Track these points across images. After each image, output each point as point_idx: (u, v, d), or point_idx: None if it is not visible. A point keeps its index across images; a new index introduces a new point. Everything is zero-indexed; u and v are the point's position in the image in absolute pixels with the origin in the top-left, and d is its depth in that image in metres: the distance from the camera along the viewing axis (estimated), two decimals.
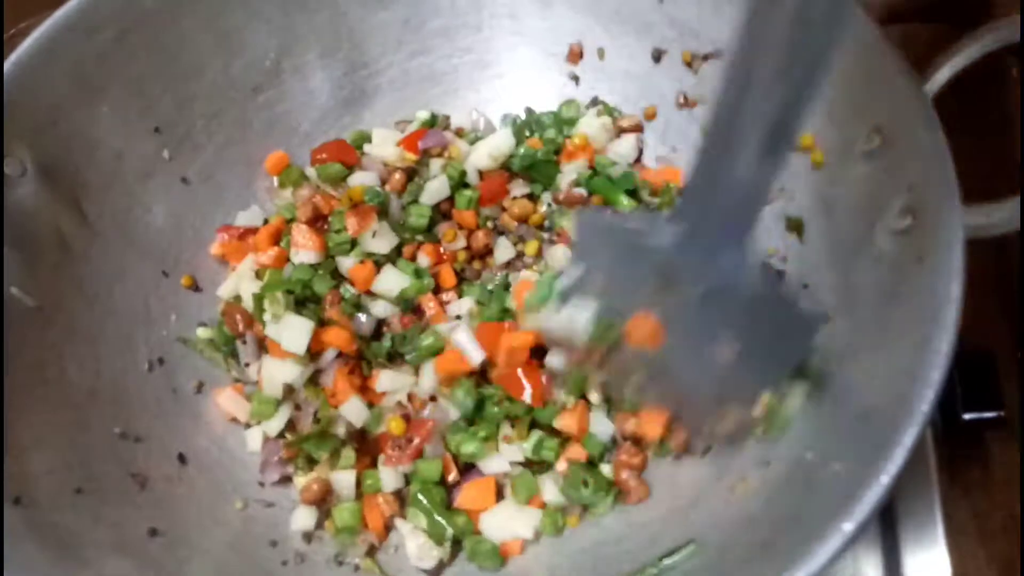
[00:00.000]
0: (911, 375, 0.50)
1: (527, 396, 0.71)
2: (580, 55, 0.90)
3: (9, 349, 0.64)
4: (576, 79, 0.91)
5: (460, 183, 0.86)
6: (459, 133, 0.91)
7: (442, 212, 0.86)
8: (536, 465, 0.73)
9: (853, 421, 0.55)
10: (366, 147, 0.89)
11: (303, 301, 0.78)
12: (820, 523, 0.47)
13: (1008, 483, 0.84)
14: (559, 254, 0.82)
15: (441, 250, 0.85)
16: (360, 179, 0.85)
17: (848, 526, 0.46)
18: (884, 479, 0.47)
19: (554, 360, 0.71)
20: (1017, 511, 0.79)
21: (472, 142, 0.89)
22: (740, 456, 0.65)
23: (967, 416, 0.79)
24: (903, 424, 0.48)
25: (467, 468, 0.74)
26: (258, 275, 0.82)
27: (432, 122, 0.92)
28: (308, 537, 0.72)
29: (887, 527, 0.74)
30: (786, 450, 0.61)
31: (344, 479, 0.72)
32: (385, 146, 0.88)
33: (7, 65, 0.68)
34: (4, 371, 0.63)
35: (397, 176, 0.86)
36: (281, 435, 0.76)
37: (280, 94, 0.89)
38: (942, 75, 0.62)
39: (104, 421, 0.69)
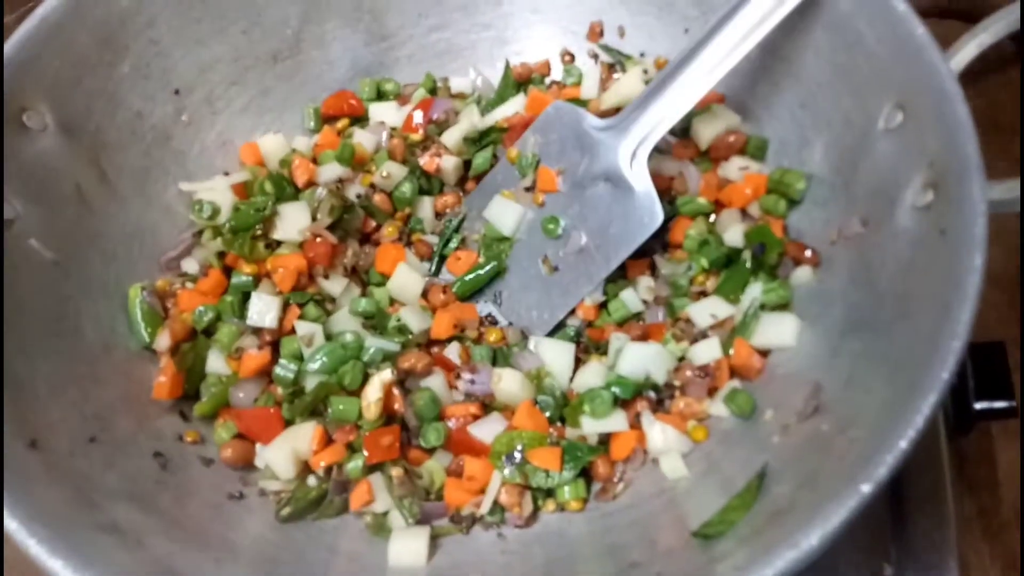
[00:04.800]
0: (933, 343, 0.49)
1: None
2: (600, 33, 0.90)
3: (26, 300, 0.64)
4: (595, 57, 0.91)
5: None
6: (460, 97, 0.92)
7: None
8: None
9: (871, 391, 0.55)
10: (371, 109, 0.90)
11: None
12: (836, 487, 0.47)
13: (1013, 481, 0.84)
14: None
15: None
16: (360, 137, 0.87)
17: (866, 487, 0.45)
18: (902, 443, 0.46)
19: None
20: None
21: (478, 102, 0.90)
22: (750, 433, 0.65)
23: (979, 405, 0.78)
24: (923, 391, 0.48)
25: None
26: None
27: (432, 87, 0.92)
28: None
29: (897, 521, 0.74)
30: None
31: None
32: (388, 115, 0.90)
33: (33, 19, 0.69)
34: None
35: (395, 141, 0.86)
36: None
37: (299, 64, 0.89)
38: (967, 53, 0.62)
39: (117, 377, 0.69)
